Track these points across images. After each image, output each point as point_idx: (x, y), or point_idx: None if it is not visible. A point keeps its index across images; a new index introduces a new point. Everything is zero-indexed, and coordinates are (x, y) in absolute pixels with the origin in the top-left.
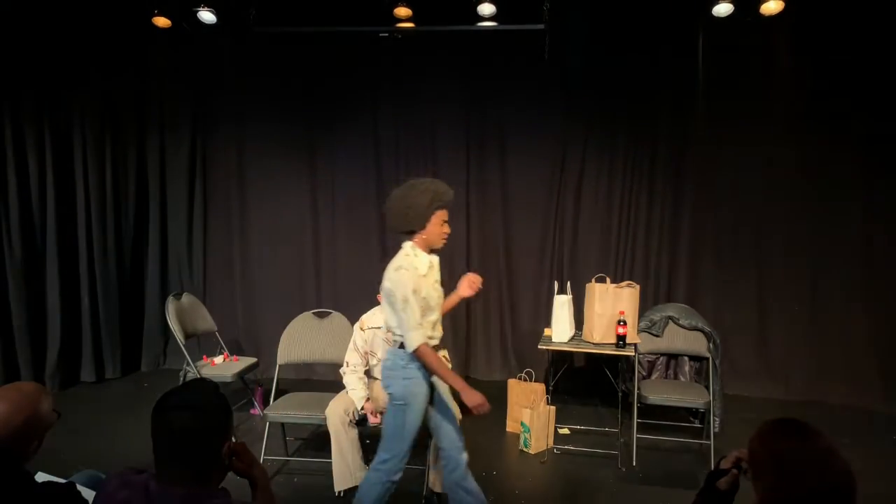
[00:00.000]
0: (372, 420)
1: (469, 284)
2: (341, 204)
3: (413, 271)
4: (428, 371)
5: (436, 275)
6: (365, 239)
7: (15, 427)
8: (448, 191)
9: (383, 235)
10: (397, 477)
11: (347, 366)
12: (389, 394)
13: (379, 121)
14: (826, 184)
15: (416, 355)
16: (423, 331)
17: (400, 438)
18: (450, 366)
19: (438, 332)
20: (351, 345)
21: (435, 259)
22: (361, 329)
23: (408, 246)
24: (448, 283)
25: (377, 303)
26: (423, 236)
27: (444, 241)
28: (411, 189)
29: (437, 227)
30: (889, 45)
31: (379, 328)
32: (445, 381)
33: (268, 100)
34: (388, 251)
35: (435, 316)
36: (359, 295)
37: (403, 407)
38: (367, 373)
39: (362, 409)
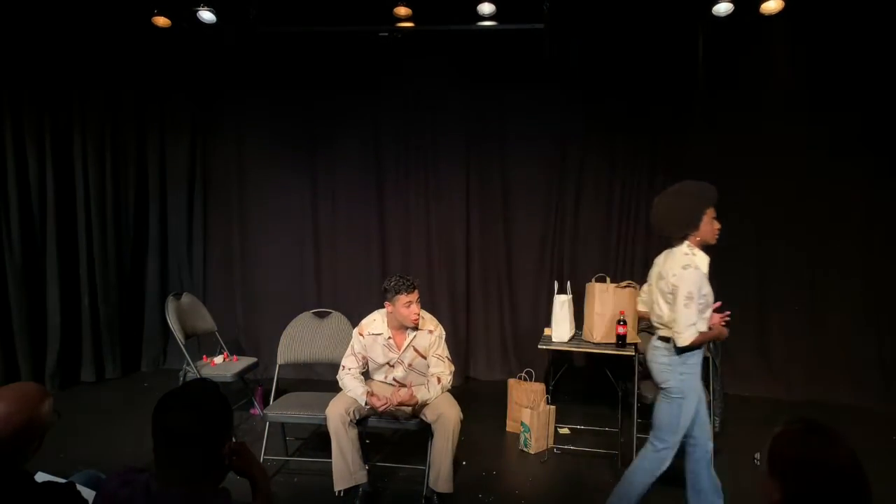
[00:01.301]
0: (377, 403)
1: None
2: (341, 204)
3: (698, 270)
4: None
5: None
6: (365, 239)
7: (15, 427)
8: (710, 188)
9: (383, 235)
10: (666, 465)
11: (343, 369)
12: (666, 388)
13: (379, 121)
14: (826, 183)
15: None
16: (697, 328)
17: (675, 430)
18: None
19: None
20: (349, 349)
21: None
22: (361, 335)
23: (685, 246)
24: (452, 282)
25: (377, 303)
26: (698, 238)
27: (717, 236)
28: (678, 196)
29: (709, 225)
30: (889, 45)
31: (379, 335)
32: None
33: (268, 100)
34: (389, 251)
35: (709, 313)
36: (359, 295)
37: (681, 400)
38: (365, 374)
39: (366, 403)
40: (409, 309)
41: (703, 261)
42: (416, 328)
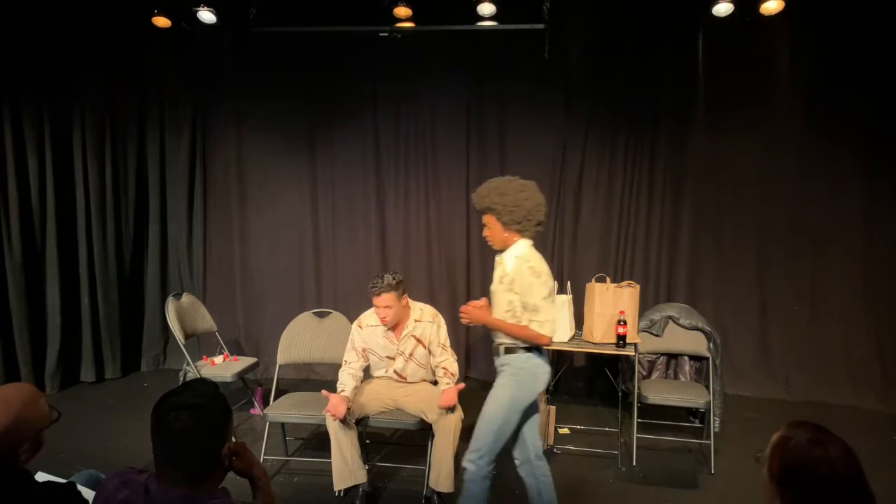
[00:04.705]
0: (332, 411)
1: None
2: (341, 204)
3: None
4: None
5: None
6: (365, 239)
7: (3, 428)
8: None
9: (384, 235)
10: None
11: (344, 363)
12: None
13: (379, 121)
14: (826, 183)
15: None
16: None
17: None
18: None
19: None
20: (349, 344)
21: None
22: (359, 327)
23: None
24: (453, 282)
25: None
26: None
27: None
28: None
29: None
30: (890, 45)
31: (378, 326)
32: None
33: (268, 100)
34: (389, 251)
35: None
36: (359, 295)
37: None
38: (367, 370)
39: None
40: (378, 310)
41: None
42: (415, 320)
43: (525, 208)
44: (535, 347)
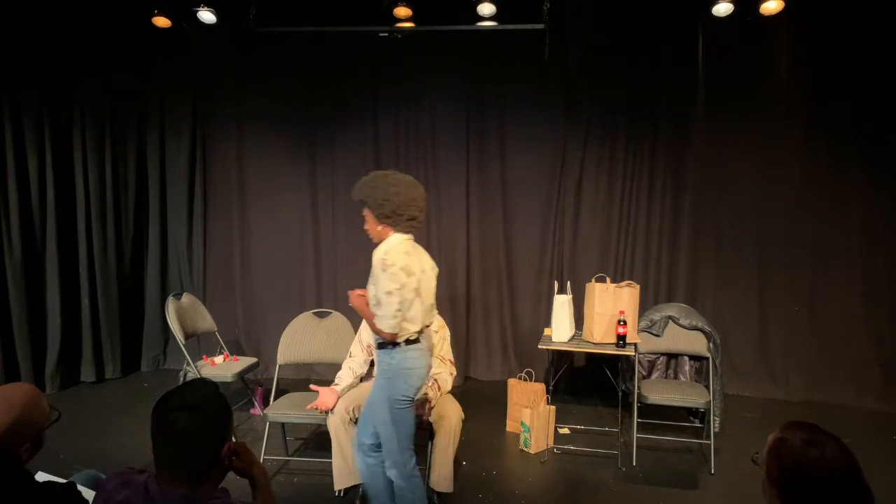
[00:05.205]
0: (319, 404)
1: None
2: (341, 204)
3: None
4: None
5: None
6: (365, 239)
7: (5, 428)
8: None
9: None
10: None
11: (349, 356)
12: None
13: (379, 121)
14: (826, 183)
15: None
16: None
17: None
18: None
19: None
20: (356, 336)
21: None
22: None
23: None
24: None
25: None
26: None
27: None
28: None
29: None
30: (890, 45)
31: None
32: None
33: (268, 100)
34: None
35: None
36: None
37: None
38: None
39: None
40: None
41: None
42: None
43: (395, 203)
44: (409, 341)
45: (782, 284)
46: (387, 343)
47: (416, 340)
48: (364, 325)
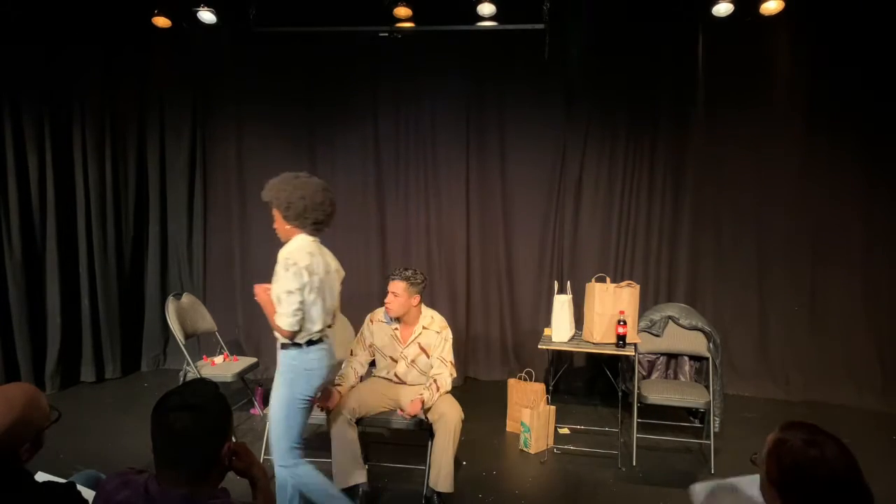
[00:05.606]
0: (324, 402)
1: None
2: (341, 204)
3: None
4: None
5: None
6: (365, 240)
7: (5, 428)
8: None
9: (384, 236)
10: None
11: (352, 355)
12: None
13: (379, 121)
14: (826, 183)
15: None
16: None
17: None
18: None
19: None
20: (359, 335)
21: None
22: (371, 322)
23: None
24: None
25: (377, 303)
26: None
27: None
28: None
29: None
30: (890, 45)
31: (387, 323)
32: None
33: (268, 100)
34: (389, 251)
35: None
36: (358, 295)
37: None
38: (373, 364)
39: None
40: (388, 296)
41: None
42: (423, 326)
43: (299, 206)
44: (311, 342)
45: (782, 283)
46: (289, 344)
47: (319, 341)
48: (366, 325)
